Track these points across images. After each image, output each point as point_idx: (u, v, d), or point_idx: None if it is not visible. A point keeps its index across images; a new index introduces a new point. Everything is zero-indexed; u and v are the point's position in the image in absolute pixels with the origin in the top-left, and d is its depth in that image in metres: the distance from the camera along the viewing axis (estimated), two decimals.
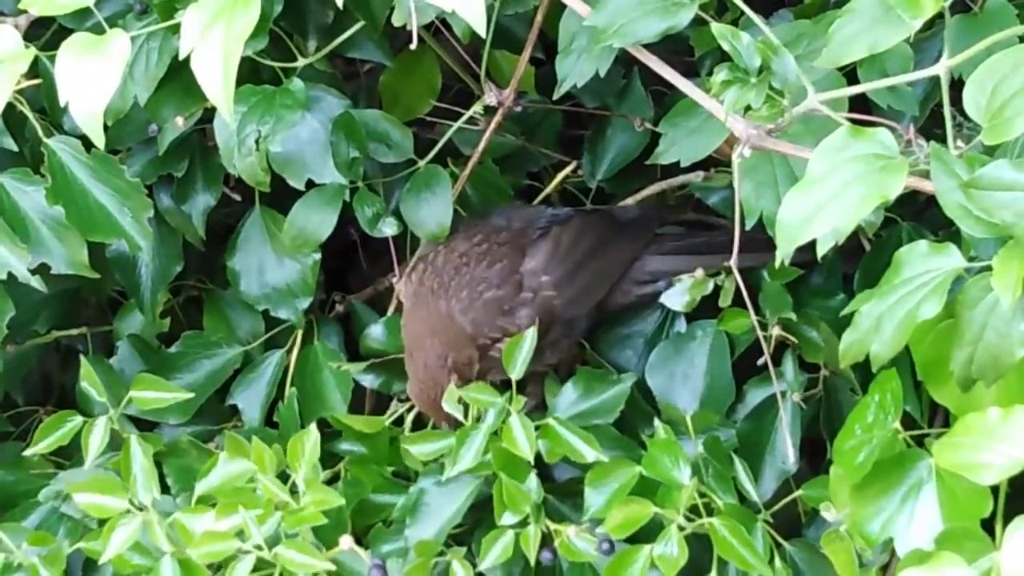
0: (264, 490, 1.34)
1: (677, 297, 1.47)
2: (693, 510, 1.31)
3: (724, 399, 1.47)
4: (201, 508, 1.35)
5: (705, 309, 1.48)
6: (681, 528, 1.29)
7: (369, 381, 1.53)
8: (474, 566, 1.36)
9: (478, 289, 1.44)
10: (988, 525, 1.14)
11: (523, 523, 1.35)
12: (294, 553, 1.31)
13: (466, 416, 1.39)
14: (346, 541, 1.33)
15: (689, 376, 1.48)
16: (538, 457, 1.36)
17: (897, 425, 1.20)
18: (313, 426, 1.38)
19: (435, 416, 1.45)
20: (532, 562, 1.35)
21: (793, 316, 1.41)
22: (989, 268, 1.09)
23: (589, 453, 1.35)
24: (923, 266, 1.13)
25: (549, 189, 1.61)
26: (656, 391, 1.48)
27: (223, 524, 1.31)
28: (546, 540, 1.36)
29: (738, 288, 1.32)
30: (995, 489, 1.14)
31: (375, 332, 1.54)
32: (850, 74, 1.27)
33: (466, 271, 1.45)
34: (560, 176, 1.61)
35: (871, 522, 1.18)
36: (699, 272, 1.45)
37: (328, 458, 1.45)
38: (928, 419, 1.39)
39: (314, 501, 1.33)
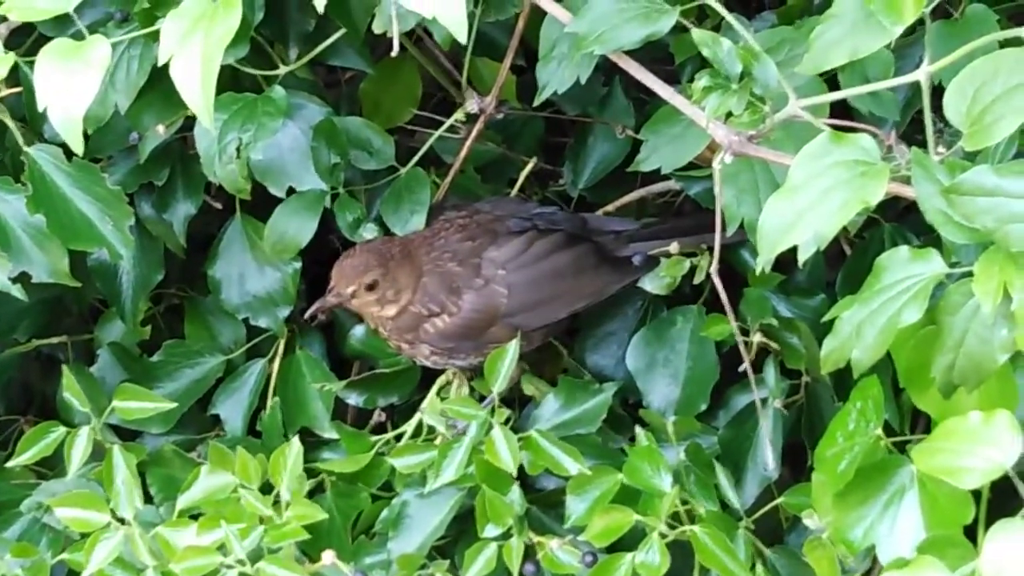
0: (247, 504, 1.34)
1: (655, 281, 1.46)
2: (675, 517, 1.31)
3: (707, 381, 1.47)
4: (183, 522, 1.35)
5: (685, 299, 1.49)
6: (663, 535, 1.29)
7: (353, 399, 1.53)
8: None
9: (444, 257, 1.45)
10: (970, 532, 1.14)
11: (506, 535, 1.35)
12: (276, 568, 1.30)
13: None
14: (328, 556, 1.33)
15: (671, 360, 1.48)
16: (521, 468, 1.36)
17: (879, 432, 1.20)
18: (296, 439, 1.38)
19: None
20: (515, 574, 1.35)
21: (775, 322, 1.41)
22: (970, 274, 1.09)
23: (571, 466, 1.35)
24: (904, 272, 1.13)
25: (520, 181, 1.60)
26: (636, 376, 1.48)
27: (205, 538, 1.31)
28: (529, 552, 1.36)
29: (718, 295, 1.31)
30: (977, 496, 1.14)
31: (358, 333, 1.54)
32: (831, 80, 1.27)
33: (444, 235, 1.46)
34: (526, 170, 1.59)
35: (853, 529, 1.18)
36: (674, 246, 1.45)
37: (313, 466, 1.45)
38: (910, 426, 1.39)
39: (296, 516, 1.33)
